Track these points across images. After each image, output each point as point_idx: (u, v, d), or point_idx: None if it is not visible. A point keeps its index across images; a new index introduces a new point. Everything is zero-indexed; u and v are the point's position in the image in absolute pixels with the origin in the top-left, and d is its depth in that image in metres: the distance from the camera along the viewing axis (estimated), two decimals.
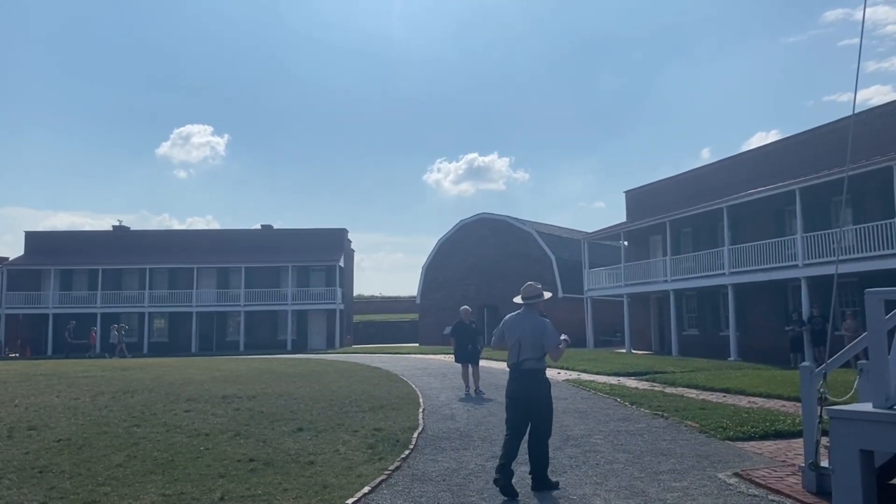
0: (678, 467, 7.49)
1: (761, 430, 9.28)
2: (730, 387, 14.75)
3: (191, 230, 60.19)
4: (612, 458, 8.06)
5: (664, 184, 34.97)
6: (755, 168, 28.63)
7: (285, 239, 51.65)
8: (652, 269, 31.82)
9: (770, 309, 26.90)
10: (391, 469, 7.41)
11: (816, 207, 24.26)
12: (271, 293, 48.29)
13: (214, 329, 49.21)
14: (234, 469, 7.36)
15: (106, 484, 6.74)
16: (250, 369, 20.83)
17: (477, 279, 44.69)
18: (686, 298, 31.66)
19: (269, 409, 11.55)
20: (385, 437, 9.17)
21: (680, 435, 9.38)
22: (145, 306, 47.58)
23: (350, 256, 56.14)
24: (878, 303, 5.18)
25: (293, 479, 6.94)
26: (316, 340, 48.51)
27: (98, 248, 50.34)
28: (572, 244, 42.32)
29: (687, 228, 31.36)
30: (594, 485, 6.83)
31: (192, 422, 10.35)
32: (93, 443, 8.73)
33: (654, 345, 34.02)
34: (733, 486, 6.58)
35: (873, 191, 22.15)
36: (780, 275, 24.36)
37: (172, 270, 48.97)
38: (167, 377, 17.27)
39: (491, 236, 44.89)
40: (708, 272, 27.82)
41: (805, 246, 23.19)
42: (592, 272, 35.57)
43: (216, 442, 8.84)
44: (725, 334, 27.59)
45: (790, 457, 7.83)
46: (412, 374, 18.96)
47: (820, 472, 6.02)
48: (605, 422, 10.62)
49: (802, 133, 27.09)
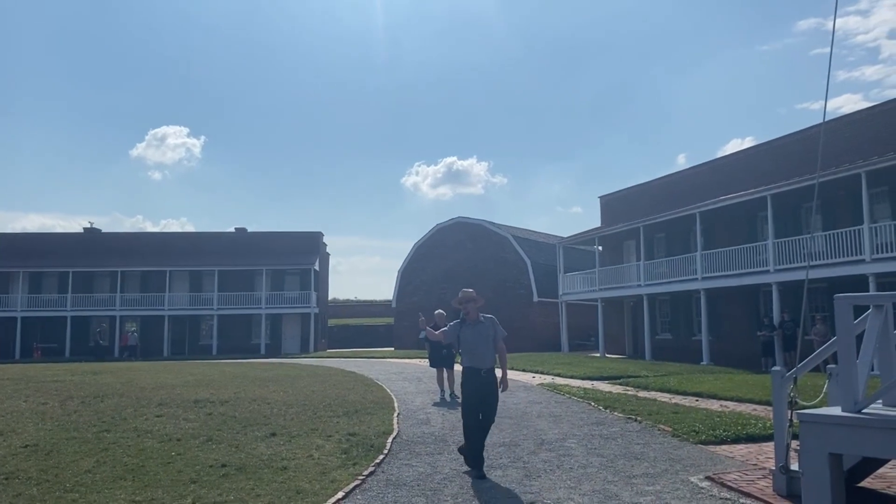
0: (651, 471, 7.54)
1: (733, 434, 9.38)
2: (702, 391, 14.88)
3: (163, 233, 59.63)
4: (585, 461, 8.09)
5: (639, 189, 35.26)
6: (728, 174, 28.97)
7: (260, 242, 51.26)
8: (626, 274, 32.05)
9: (742, 314, 27.22)
10: (365, 474, 7.36)
11: (788, 213, 24.61)
12: (245, 297, 47.90)
13: (187, 333, 48.67)
14: (206, 474, 7.27)
15: (74, 490, 6.63)
16: (223, 374, 20.62)
17: (453, 283, 44.58)
18: (659, 303, 31.92)
19: (241, 414, 11.43)
20: (359, 442, 9.11)
21: (653, 439, 9.44)
22: (117, 309, 46.95)
23: (325, 260, 55.88)
24: (847, 308, 5.26)
25: (266, 484, 6.87)
26: (290, 344, 48.18)
27: (69, 251, 49.54)
28: (548, 248, 42.52)
29: (661, 234, 31.64)
30: (568, 489, 6.84)
31: (164, 427, 10.21)
32: (61, 448, 8.58)
33: (628, 349, 34.26)
34: (705, 490, 6.63)
35: (842, 198, 22.52)
36: (752, 280, 24.67)
37: (145, 273, 48.39)
38: (138, 381, 17.03)
39: (467, 240, 44.95)
40: (681, 277, 28.09)
41: (776, 252, 23.51)
42: (567, 276, 35.74)
43: (188, 447, 8.72)
44: (698, 339, 27.85)
45: (761, 460, 7.92)
46: (387, 379, 18.89)
47: (790, 475, 6.09)
48: (579, 426, 10.65)
49: (775, 140, 27.48)
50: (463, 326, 7.78)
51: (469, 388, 7.64)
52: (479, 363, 7.59)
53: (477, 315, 7.79)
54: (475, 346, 7.63)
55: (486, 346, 7.66)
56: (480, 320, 7.75)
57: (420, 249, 48.03)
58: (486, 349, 7.65)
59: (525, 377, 19.90)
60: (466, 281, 43.53)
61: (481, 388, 7.59)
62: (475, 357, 7.62)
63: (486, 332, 7.69)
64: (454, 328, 7.89)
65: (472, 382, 7.61)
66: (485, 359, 7.62)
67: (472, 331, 7.69)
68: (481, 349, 7.62)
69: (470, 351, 7.65)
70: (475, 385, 7.59)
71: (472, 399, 7.63)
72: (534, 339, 38.82)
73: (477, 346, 7.62)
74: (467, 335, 7.71)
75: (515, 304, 41.25)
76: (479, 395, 7.58)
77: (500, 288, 42.02)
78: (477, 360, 7.61)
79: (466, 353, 7.68)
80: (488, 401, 7.64)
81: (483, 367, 7.58)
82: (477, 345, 7.63)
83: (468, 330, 7.71)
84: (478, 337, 7.65)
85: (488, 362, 7.64)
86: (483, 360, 7.61)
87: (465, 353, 7.69)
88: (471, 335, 7.69)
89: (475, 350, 7.62)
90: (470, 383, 7.63)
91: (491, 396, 7.66)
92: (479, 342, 7.63)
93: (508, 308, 41.55)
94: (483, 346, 7.64)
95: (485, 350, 7.64)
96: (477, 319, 7.76)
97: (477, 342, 7.63)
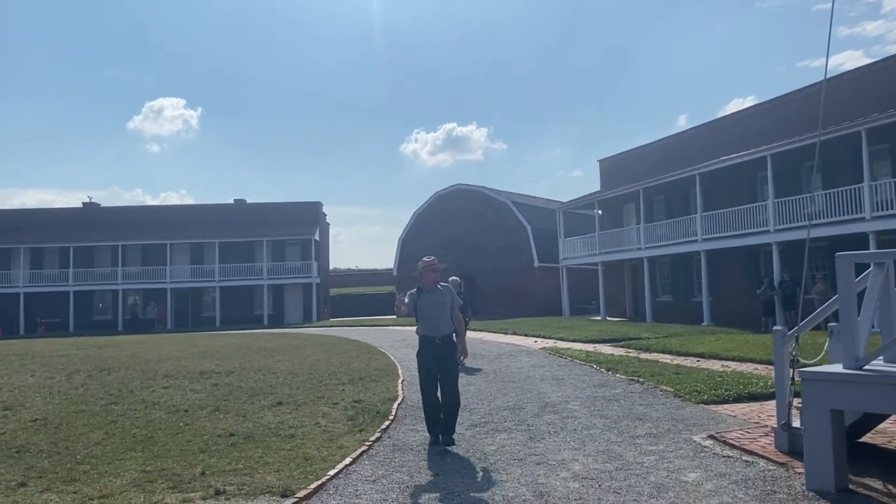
0: (654, 431, 7.62)
1: (734, 394, 9.45)
2: (703, 351, 14.99)
3: (163, 206, 59.60)
4: (589, 423, 8.18)
5: (638, 152, 35.12)
6: (728, 135, 28.82)
7: (260, 213, 51.24)
8: (625, 237, 32.07)
9: (742, 274, 27.28)
10: (372, 440, 7.45)
11: (788, 173, 24.54)
12: (246, 268, 48.03)
13: (189, 305, 48.90)
14: (215, 444, 7.36)
15: (85, 462, 6.71)
16: (227, 345, 20.78)
17: (454, 250, 44.73)
18: (659, 265, 31.99)
19: (247, 384, 11.54)
20: (365, 409, 9.21)
21: (655, 399, 9.53)
22: (118, 283, 47.12)
23: (325, 230, 55.88)
24: (848, 266, 5.27)
25: (274, 452, 6.96)
26: (293, 314, 48.41)
27: (68, 226, 49.55)
28: (548, 214, 42.47)
29: (660, 196, 31.58)
30: (572, 450, 6.92)
31: (171, 398, 10.32)
32: (70, 421, 8.67)
33: (629, 311, 34.41)
34: (708, 448, 6.71)
35: (843, 156, 22.43)
36: (752, 240, 24.70)
37: (145, 247, 48.46)
38: (143, 354, 17.18)
39: (467, 207, 44.89)
40: (681, 239, 28.11)
41: (776, 212, 23.49)
42: (568, 241, 35.77)
43: (195, 417, 8.82)
44: (698, 300, 27.97)
45: (763, 418, 8.00)
46: (390, 346, 19.03)
47: (792, 432, 6.16)
48: (582, 388, 10.75)
49: (774, 99, 27.31)
50: (420, 295, 7.64)
51: (425, 357, 7.52)
52: (434, 331, 7.46)
53: (435, 284, 7.67)
54: (431, 313, 7.50)
55: (442, 313, 7.52)
56: (438, 289, 7.63)
57: (420, 217, 47.99)
58: (441, 317, 7.51)
59: (527, 342, 20.04)
60: (467, 247, 43.67)
61: (437, 356, 7.45)
62: (430, 325, 7.49)
63: (443, 300, 7.57)
64: (412, 297, 7.71)
65: (428, 351, 7.49)
66: (440, 326, 7.48)
67: (430, 299, 7.55)
68: (437, 317, 7.48)
69: (425, 319, 7.51)
70: (431, 353, 7.47)
71: (429, 368, 7.50)
72: (535, 304, 38.98)
73: (432, 314, 7.48)
74: (424, 303, 7.55)
75: (516, 269, 41.34)
76: (437, 363, 7.45)
77: (500, 254, 42.08)
78: (432, 329, 7.47)
79: (422, 321, 7.54)
80: (446, 369, 7.49)
81: (438, 335, 7.44)
82: (433, 313, 7.48)
83: (426, 298, 7.56)
84: (434, 305, 7.51)
85: (444, 329, 7.49)
86: (438, 327, 7.47)
87: (421, 320, 7.55)
88: (427, 303, 7.53)
89: (430, 318, 7.49)
90: (426, 352, 7.51)
91: (449, 364, 7.52)
92: (435, 310, 7.49)
93: (509, 274, 41.69)
94: (439, 313, 7.50)
95: (440, 317, 7.50)
96: (435, 288, 7.63)
97: (433, 310, 7.49)
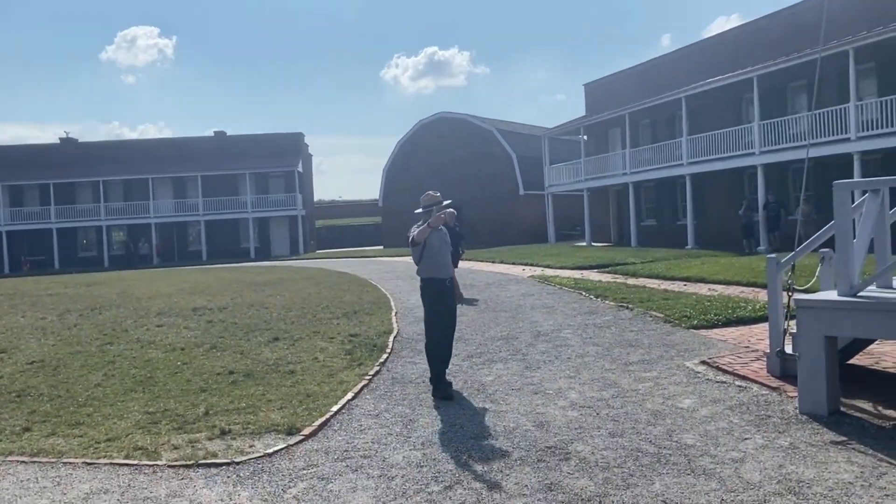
0: (647, 357, 7.77)
1: (724, 318, 9.58)
2: (690, 275, 15.16)
3: (142, 140, 58.67)
4: (582, 351, 8.31)
5: (623, 75, 34.67)
6: (713, 56, 28.46)
7: (241, 145, 50.51)
8: (611, 163, 31.99)
9: (727, 197, 27.38)
10: (371, 374, 7.56)
11: (773, 95, 24.37)
12: (230, 201, 47.67)
13: (175, 240, 48.69)
14: (215, 382, 7.43)
15: (87, 405, 6.77)
16: (217, 279, 20.77)
17: (439, 179, 44.33)
18: (644, 190, 32.03)
19: (241, 321, 11.59)
20: (362, 343, 9.30)
21: (646, 326, 9.68)
22: (102, 220, 46.71)
23: (308, 161, 55.29)
24: (845, 194, 5.29)
25: (275, 389, 7.04)
26: (279, 247, 48.38)
27: (47, 162, 48.61)
28: (533, 141, 42.11)
29: (646, 120, 31.37)
30: (568, 378, 7.06)
31: (166, 336, 10.35)
32: (67, 363, 8.70)
33: (614, 237, 34.64)
34: (701, 374, 6.86)
35: (829, 75, 22.24)
36: (738, 163, 24.71)
37: (127, 182, 47.86)
38: (133, 291, 17.14)
39: (451, 136, 44.39)
40: (666, 163, 28.07)
41: (762, 133, 23.44)
42: (553, 168, 35.65)
43: (193, 356, 8.88)
44: (683, 223, 28.14)
45: (753, 342, 8.16)
46: (380, 278, 19.10)
47: (785, 357, 6.30)
48: (573, 315, 10.89)
49: (760, 19, 26.91)
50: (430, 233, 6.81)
51: (441, 301, 6.89)
52: (446, 272, 6.94)
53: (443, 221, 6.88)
54: (441, 253, 6.88)
55: (448, 253, 7.04)
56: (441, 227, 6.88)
57: (404, 147, 47.50)
58: (448, 257, 7.04)
59: (515, 270, 20.19)
60: (452, 176, 43.39)
61: (451, 301, 7.04)
62: (440, 266, 6.88)
63: (447, 238, 7.06)
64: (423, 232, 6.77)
65: (440, 294, 6.88)
66: (448, 267, 7.03)
67: (439, 237, 6.85)
68: (445, 256, 6.94)
69: (434, 259, 6.83)
70: (443, 296, 6.91)
71: (445, 315, 6.93)
72: (521, 232, 39.08)
73: (441, 253, 6.88)
74: (434, 241, 6.79)
75: (502, 198, 41.26)
76: (451, 308, 7.02)
77: (486, 182, 41.89)
78: (443, 269, 6.91)
79: (431, 262, 6.83)
80: (455, 314, 7.15)
81: (448, 277, 6.98)
82: (442, 251, 6.88)
83: (435, 236, 6.78)
84: (443, 244, 6.93)
85: (451, 270, 7.09)
86: (448, 268, 7.01)
87: (429, 261, 6.82)
88: (437, 242, 6.83)
89: (439, 257, 6.85)
90: (438, 295, 6.87)
91: (455, 310, 7.19)
92: (444, 248, 6.93)
93: (495, 202, 41.61)
94: (446, 252, 6.98)
95: (447, 257, 7.01)
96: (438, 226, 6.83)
97: (443, 249, 6.90)
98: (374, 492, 4.40)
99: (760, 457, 4.61)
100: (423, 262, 6.86)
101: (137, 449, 5.36)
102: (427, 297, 6.96)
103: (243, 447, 5.32)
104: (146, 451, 5.31)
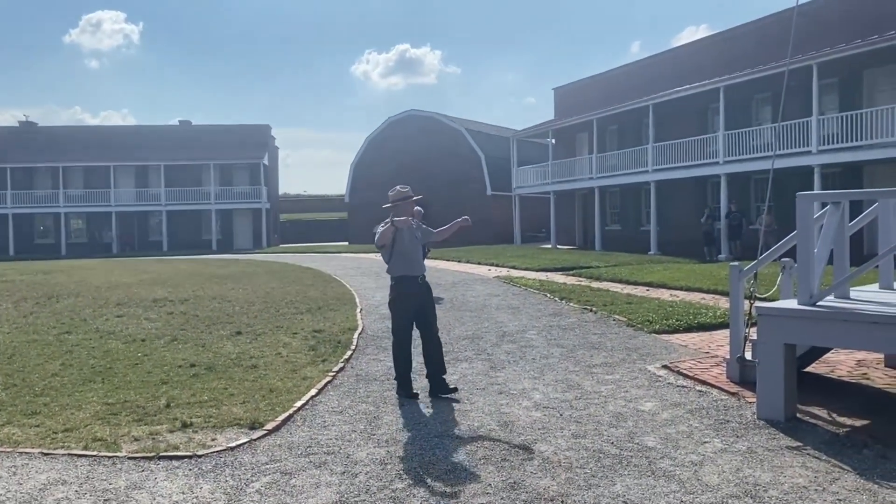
0: (610, 360, 7.86)
1: (685, 323, 9.74)
2: (652, 280, 15.37)
3: (105, 126, 57.65)
4: (547, 352, 8.38)
5: (592, 81, 34.99)
6: (682, 65, 28.87)
7: (206, 135, 49.82)
8: (578, 167, 32.28)
9: (690, 205, 27.81)
10: (335, 370, 7.52)
11: (738, 105, 24.81)
12: (193, 192, 47.01)
13: (136, 229, 47.87)
14: (177, 375, 7.34)
15: (44, 394, 6.63)
16: (178, 271, 20.50)
17: (407, 177, 44.16)
18: (610, 195, 32.39)
19: (203, 313, 11.45)
20: (326, 339, 9.25)
21: (609, 329, 9.79)
22: (60, 206, 45.72)
23: (274, 153, 54.80)
24: (809, 205, 5.41)
25: (238, 383, 6.97)
26: (242, 240, 47.85)
27: (5, 145, 47.39)
28: (501, 142, 42.28)
29: (613, 126, 31.71)
30: (532, 379, 7.11)
31: (126, 327, 10.19)
32: (23, 352, 8.52)
33: (578, 240, 34.96)
34: (662, 378, 6.97)
35: (792, 90, 22.70)
36: (702, 171, 25.12)
37: (88, 169, 46.93)
38: (92, 280, 16.83)
39: (420, 134, 44.35)
40: (632, 169, 28.42)
41: (727, 143, 23.86)
42: (521, 170, 35.85)
43: (153, 347, 8.75)
44: (646, 229, 28.51)
45: (713, 348, 8.31)
46: (345, 274, 19.02)
47: (744, 363, 6.43)
48: (538, 317, 10.97)
49: (727, 31, 27.43)
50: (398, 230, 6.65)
51: (406, 301, 6.69)
52: (418, 269, 6.75)
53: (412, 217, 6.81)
54: (412, 250, 6.72)
55: (419, 249, 6.92)
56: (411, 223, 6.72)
57: (372, 143, 47.32)
58: (419, 253, 6.93)
59: (481, 270, 20.26)
60: (420, 175, 43.33)
61: (421, 298, 6.77)
62: (411, 263, 6.71)
63: (417, 234, 6.87)
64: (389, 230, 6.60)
65: (410, 294, 6.69)
66: (421, 264, 6.87)
67: (409, 233, 6.69)
68: (416, 253, 6.80)
69: (404, 256, 6.66)
70: (414, 296, 6.70)
71: (409, 316, 6.75)
72: (488, 233, 39.17)
73: (412, 249, 6.73)
74: (403, 238, 6.64)
75: (469, 198, 41.30)
76: (420, 306, 6.76)
77: (453, 182, 41.93)
78: (415, 267, 6.73)
79: (401, 260, 6.67)
80: (431, 311, 6.89)
81: (420, 274, 6.76)
82: (412, 248, 6.74)
83: (403, 232, 6.63)
84: (413, 240, 6.77)
85: (423, 268, 6.88)
86: (420, 265, 6.84)
87: (399, 258, 6.67)
88: (407, 238, 6.68)
89: (409, 254, 6.70)
90: (408, 296, 6.68)
91: (432, 305, 6.94)
92: (414, 244, 6.78)
93: (462, 202, 41.60)
94: (417, 248, 6.85)
95: (419, 254, 6.89)
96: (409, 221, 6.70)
97: (413, 246, 6.76)
98: (337, 487, 4.38)
99: (719, 460, 4.70)
100: (393, 260, 6.70)
101: (96, 440, 5.26)
102: (398, 296, 6.72)
103: (205, 440, 5.25)
104: (105, 442, 5.22)
